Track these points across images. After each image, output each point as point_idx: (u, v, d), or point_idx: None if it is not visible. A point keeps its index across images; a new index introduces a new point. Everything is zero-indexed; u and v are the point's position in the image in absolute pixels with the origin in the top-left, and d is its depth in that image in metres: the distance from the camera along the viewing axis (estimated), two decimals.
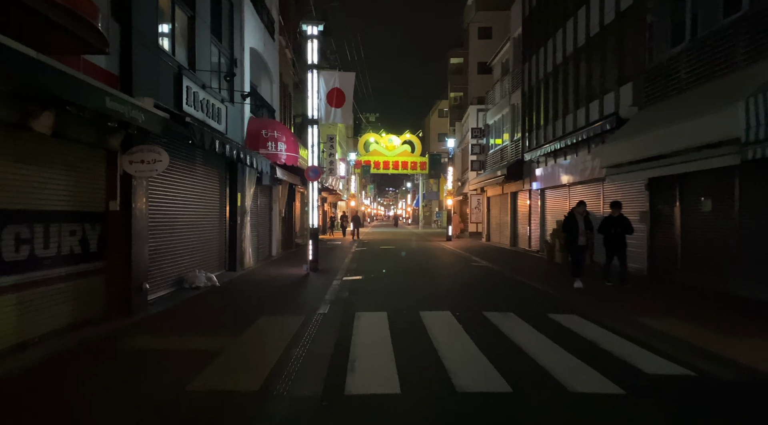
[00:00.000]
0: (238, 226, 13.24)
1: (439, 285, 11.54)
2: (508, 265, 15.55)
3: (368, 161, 45.54)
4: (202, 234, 11.45)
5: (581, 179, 16.06)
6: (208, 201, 11.87)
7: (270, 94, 18.01)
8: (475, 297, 9.82)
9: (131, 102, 6.22)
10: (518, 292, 10.51)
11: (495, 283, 11.88)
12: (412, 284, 11.61)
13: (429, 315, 7.97)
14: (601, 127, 13.63)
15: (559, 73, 18.18)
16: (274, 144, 13.95)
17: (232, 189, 13.09)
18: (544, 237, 20.11)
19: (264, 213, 16.95)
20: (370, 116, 60.19)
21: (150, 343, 6.18)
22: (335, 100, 13.71)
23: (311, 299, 9.42)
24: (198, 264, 11.08)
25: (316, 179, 13.27)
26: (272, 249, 17.88)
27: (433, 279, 12.59)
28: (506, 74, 25.68)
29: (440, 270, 14.85)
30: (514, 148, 23.72)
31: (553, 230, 17.17)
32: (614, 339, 6.49)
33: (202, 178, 11.36)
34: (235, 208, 13.14)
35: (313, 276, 12.74)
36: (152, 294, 8.84)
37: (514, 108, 23.91)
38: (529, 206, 21.96)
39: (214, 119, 11.10)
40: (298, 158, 14.95)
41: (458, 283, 12.00)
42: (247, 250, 13.67)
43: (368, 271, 13.94)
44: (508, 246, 24.29)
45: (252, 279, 11.91)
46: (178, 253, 10.10)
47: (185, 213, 10.46)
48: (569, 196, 17.79)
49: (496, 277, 12.93)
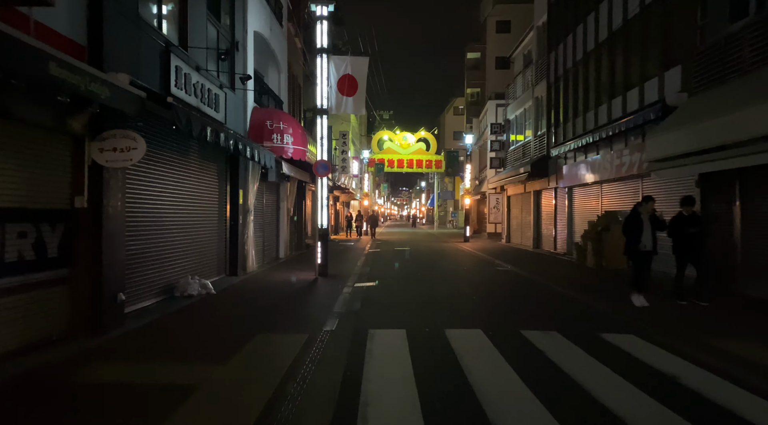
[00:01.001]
0: (240, 227, 12.02)
1: (463, 294, 10.20)
2: (536, 270, 14.15)
3: (382, 159, 44.34)
4: (198, 235, 10.24)
5: (616, 176, 14.62)
6: (206, 198, 10.66)
7: (278, 84, 16.79)
8: (507, 310, 8.47)
9: (90, 72, 4.98)
10: (555, 304, 9.14)
11: (526, 292, 10.51)
12: (433, 292, 10.29)
13: (457, 334, 6.65)
14: (643, 117, 12.19)
15: (590, 61, 16.73)
16: (279, 136, 12.71)
17: (233, 185, 11.88)
18: (572, 239, 18.67)
19: (270, 212, 15.74)
20: (384, 114, 58.90)
21: (112, 374, 4.94)
22: (347, 87, 12.44)
23: (317, 311, 8.15)
24: (192, 270, 9.87)
25: (326, 175, 12.01)
26: (279, 250, 16.67)
27: (456, 287, 11.26)
28: (529, 66, 24.23)
29: (462, 275, 13.51)
30: (537, 144, 22.28)
31: (585, 232, 15.73)
32: (697, 373, 5.11)
33: (197, 172, 10.16)
34: (237, 206, 11.92)
35: (321, 282, 11.48)
36: (133, 305, 7.64)
37: (538, 101, 22.46)
38: (555, 206, 20.50)
39: (211, 106, 9.89)
40: (306, 152, 13.70)
41: (484, 292, 10.65)
42: (250, 253, 12.46)
43: (383, 276, 12.64)
44: (530, 248, 22.84)
45: (253, 286, 10.68)
46: (168, 257, 8.89)
47: (177, 212, 9.25)
48: (601, 195, 16.34)
49: (525, 285, 11.55)
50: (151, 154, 8.14)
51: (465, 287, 11.27)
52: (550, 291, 10.47)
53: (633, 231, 8.86)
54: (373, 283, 11.33)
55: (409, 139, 45.03)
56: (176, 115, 6.62)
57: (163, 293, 8.75)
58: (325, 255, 12.35)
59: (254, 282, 11.14)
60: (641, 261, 8.94)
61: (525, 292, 10.49)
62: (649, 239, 8.81)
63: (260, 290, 10.18)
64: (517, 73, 26.80)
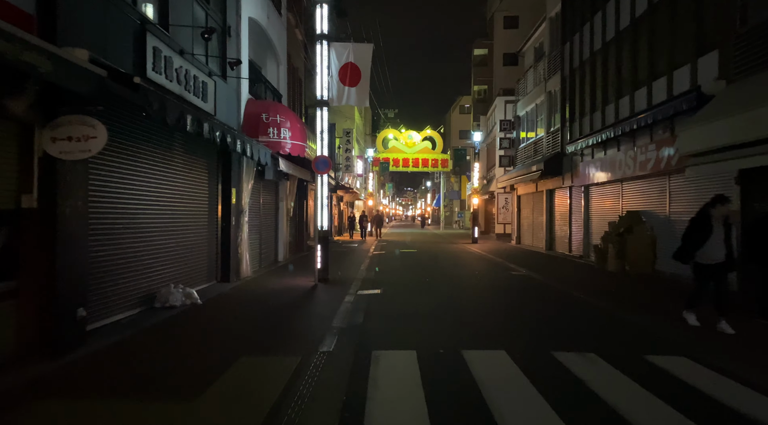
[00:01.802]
0: (233, 228, 11.03)
1: (479, 305, 9.17)
2: (554, 275, 13.09)
3: (387, 158, 43.26)
4: (184, 238, 9.25)
5: (639, 173, 13.53)
6: (194, 198, 9.68)
7: (276, 77, 15.80)
8: (531, 325, 7.42)
9: (23, 38, 3.98)
10: (585, 317, 8.09)
11: (549, 302, 9.46)
12: (445, 302, 9.25)
13: (477, 358, 5.61)
14: (674, 108, 11.11)
15: (609, 51, 15.65)
16: (276, 130, 11.71)
17: (225, 183, 10.89)
18: (589, 240, 17.59)
19: (268, 212, 14.74)
20: (389, 112, 57.84)
21: (48, 418, 3.94)
22: (349, 77, 11.43)
23: (314, 325, 7.13)
24: (177, 277, 8.88)
25: (326, 172, 11.01)
26: (279, 253, 15.67)
27: (469, 295, 10.22)
28: (541, 59, 23.15)
29: (474, 281, 12.47)
30: (551, 141, 21.20)
31: (605, 233, 14.65)
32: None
33: (184, 169, 9.17)
34: (229, 206, 10.93)
35: (321, 289, 10.47)
36: (102, 320, 6.65)
37: (551, 96, 21.38)
38: (570, 205, 19.41)
39: (197, 95, 8.89)
40: (306, 148, 12.70)
41: (502, 302, 9.60)
42: (244, 257, 11.46)
43: (388, 282, 11.62)
44: (542, 250, 21.76)
45: (245, 295, 9.67)
46: (146, 264, 7.90)
47: (158, 213, 8.26)
48: (621, 194, 15.26)
49: (546, 293, 10.50)
50: (126, 147, 7.16)
51: (479, 295, 10.23)
52: (576, 301, 9.42)
53: (696, 238, 7.28)
54: (378, 291, 10.31)
55: (414, 137, 43.96)
56: (146, 98, 5.61)
57: (142, 304, 7.76)
58: (325, 259, 11.34)
59: (247, 290, 10.14)
60: (705, 274, 7.29)
61: (547, 302, 9.44)
62: (720, 249, 7.13)
63: (252, 299, 9.17)
64: (527, 67, 25.73)
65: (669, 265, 12.58)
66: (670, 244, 12.75)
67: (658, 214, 13.19)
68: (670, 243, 12.66)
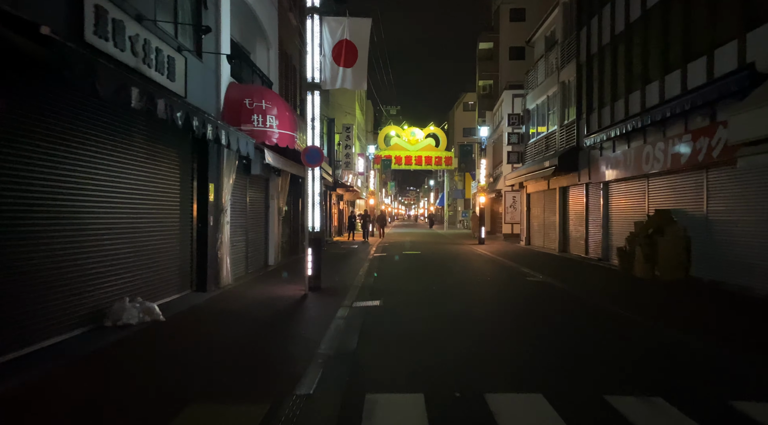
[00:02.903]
0: (210, 230, 9.60)
1: (498, 323, 7.71)
2: (576, 282, 11.63)
3: (389, 156, 41.82)
4: (148, 241, 7.83)
5: (671, 167, 12.06)
6: (160, 194, 8.25)
7: (266, 63, 14.37)
8: (569, 354, 5.94)
9: None
10: (632, 339, 6.62)
11: (581, 319, 7.99)
12: (456, 318, 7.80)
13: (506, 404, 4.18)
14: (719, 91, 9.65)
15: (633, 34, 14.17)
16: (261, 117, 10.27)
17: (201, 178, 9.46)
18: (608, 242, 16.12)
19: (257, 211, 13.32)
20: (391, 109, 56.37)
21: None
22: (344, 56, 9.98)
23: (295, 352, 5.70)
24: (138, 288, 7.45)
25: (317, 165, 9.57)
26: (269, 256, 14.24)
27: (485, 309, 8.78)
28: (552, 48, 21.65)
29: (488, 289, 11.03)
30: (565, 135, 19.71)
31: (631, 235, 13.18)
32: None
33: (145, 159, 7.74)
34: (206, 204, 9.51)
35: (311, 299, 9.04)
36: (24, 348, 5.22)
37: (565, 86, 19.90)
38: (586, 204, 17.94)
39: (161, 71, 7.46)
40: (296, 138, 11.24)
41: (526, 319, 8.13)
42: (224, 262, 10.03)
43: (389, 291, 10.18)
44: (555, 252, 20.29)
45: (221, 308, 8.23)
46: (92, 273, 6.47)
47: (108, 211, 6.84)
48: (647, 191, 13.79)
49: (574, 305, 9.05)
50: (59, 130, 5.73)
51: (497, 309, 8.78)
52: (615, 318, 7.95)
53: None
54: (377, 302, 8.86)
55: (417, 134, 42.55)
56: (61, 57, 4.18)
57: (87, 323, 6.33)
58: (317, 265, 9.91)
59: (224, 302, 8.70)
60: None
61: (579, 319, 7.98)
62: None
63: (227, 314, 7.72)
64: (538, 57, 24.24)
65: (706, 270, 11.15)
66: (708, 247, 11.35)
67: (693, 213, 11.72)
68: (708, 247, 11.24)
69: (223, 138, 7.94)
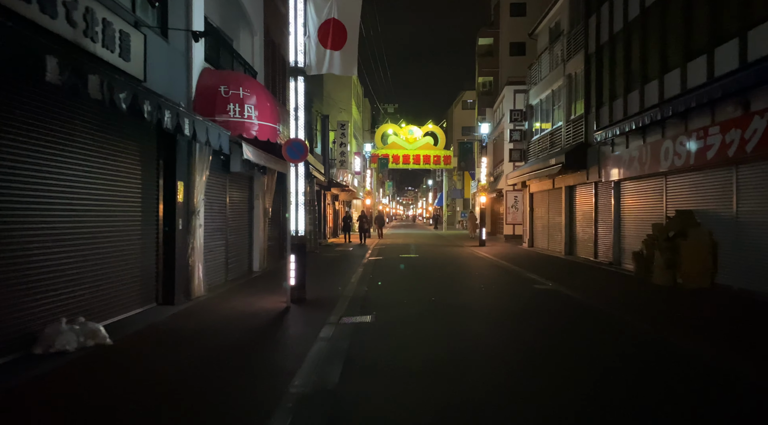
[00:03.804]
0: (179, 234, 8.44)
1: (513, 348, 6.54)
2: (592, 291, 10.48)
3: (386, 155, 40.62)
4: (96, 248, 6.66)
5: (694, 164, 10.92)
6: (115, 193, 7.09)
7: (251, 51, 13.22)
8: (605, 392, 4.78)
9: None
10: (672, 370, 5.47)
11: (606, 341, 6.83)
12: (462, 340, 6.64)
13: None
14: (757, 75, 8.52)
15: (650, 17, 13.03)
16: (238, 107, 9.10)
17: (168, 176, 8.30)
18: (620, 245, 14.99)
19: (239, 212, 12.16)
20: (389, 107, 55.16)
21: None
22: (332, 37, 8.81)
23: (261, 392, 4.52)
24: (84, 305, 6.29)
25: (300, 160, 8.41)
26: (253, 262, 13.08)
27: (496, 328, 7.62)
28: (558, 39, 20.51)
29: (495, 301, 9.89)
30: (572, 130, 18.56)
31: (648, 238, 12.04)
32: None
33: (95, 153, 6.58)
34: (174, 204, 8.34)
35: (294, 314, 7.88)
36: None
37: (572, 79, 18.75)
38: (595, 204, 16.81)
39: (110, 48, 6.29)
40: (278, 131, 10.06)
41: (541, 338, 6.95)
42: (197, 270, 8.86)
43: (383, 303, 9.03)
44: (561, 255, 19.15)
45: (184, 327, 7.05)
46: (19, 288, 5.31)
47: (44, 212, 5.67)
48: (665, 190, 12.65)
49: (596, 323, 7.90)
50: None
51: (509, 328, 7.61)
52: (649, 340, 6.79)
53: None
54: (368, 318, 7.70)
55: (415, 132, 41.38)
56: None
57: (10, 350, 5.17)
58: (301, 273, 8.75)
59: (191, 319, 7.52)
60: None
61: (605, 343, 6.82)
62: None
63: (189, 336, 6.55)
64: (541, 50, 23.09)
65: (735, 278, 10.03)
66: (738, 252, 10.19)
67: (720, 214, 10.60)
68: (738, 251, 10.09)
69: (186, 127, 6.77)
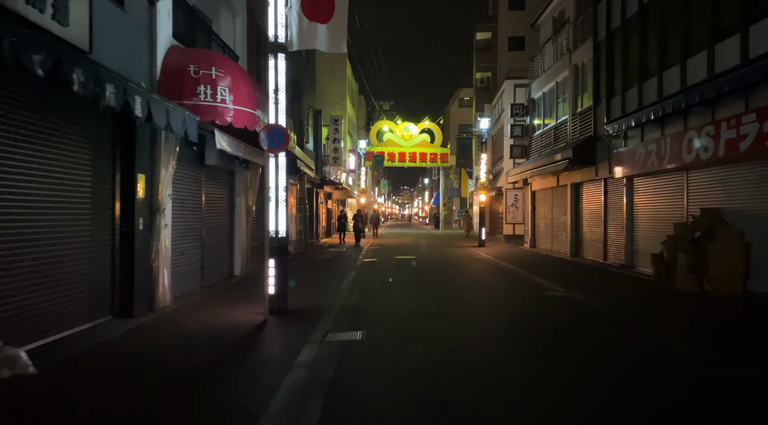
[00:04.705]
0: (140, 235, 7.25)
1: (547, 380, 5.41)
2: (611, 300, 9.36)
3: (381, 152, 39.51)
4: (28, 252, 5.48)
5: (724, 156, 9.79)
6: (55, 186, 5.91)
7: (232, 33, 12.02)
8: None
9: None
10: (740, 406, 4.34)
11: (641, 363, 5.69)
12: (481, 373, 5.49)
13: None
14: None
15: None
16: (209, 89, 7.92)
17: (126, 168, 7.12)
18: (633, 246, 13.89)
19: (217, 210, 10.97)
20: (384, 104, 53.89)
21: None
22: (317, 9, 7.64)
23: None
24: (9, 323, 5.10)
25: (280, 150, 7.24)
26: (234, 265, 11.89)
27: (515, 350, 6.47)
28: (562, 28, 19.39)
29: (507, 313, 8.75)
30: (578, 124, 17.43)
31: (670, 239, 10.92)
32: None
33: (29, 140, 5.40)
34: (133, 201, 7.16)
35: (270, 330, 6.71)
36: None
37: (578, 69, 17.62)
38: (605, 202, 15.70)
39: (38, 7, 5.09)
40: (257, 117, 8.86)
41: (589, 375, 5.82)
42: (162, 276, 7.67)
43: (376, 316, 7.87)
44: (566, 256, 18.04)
45: (136, 348, 5.85)
46: None
47: None
48: (686, 186, 11.54)
49: (623, 339, 6.76)
50: None
51: (531, 350, 6.46)
52: (694, 363, 5.66)
53: None
54: (358, 335, 6.53)
55: (411, 129, 40.27)
56: None
57: None
58: (282, 281, 7.58)
59: (148, 336, 6.33)
60: None
61: (641, 366, 5.68)
62: None
63: (138, 361, 5.35)
64: (544, 40, 21.96)
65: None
66: None
67: (753, 213, 9.50)
68: None
69: (137, 107, 5.58)
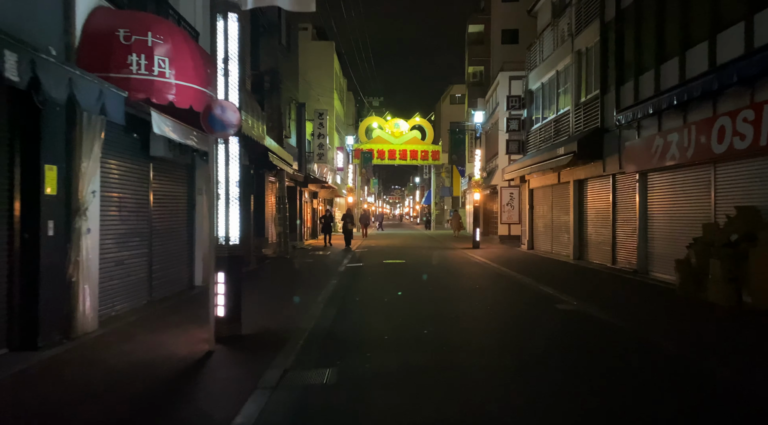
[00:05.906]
0: (48, 242, 5.64)
1: None
2: (634, 315, 7.87)
3: (370, 150, 37.91)
4: None
5: (767, 144, 8.32)
6: None
7: (192, 7, 10.41)
8: None
9: None
10: None
11: (717, 408, 4.18)
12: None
13: None
14: None
15: None
16: (144, 60, 6.32)
17: (27, 159, 5.51)
18: (647, 249, 12.44)
19: (171, 211, 9.37)
20: (374, 100, 52.33)
21: None
22: None
23: None
24: None
25: (228, 133, 5.67)
26: (195, 275, 10.28)
27: (536, 400, 4.95)
28: (563, 12, 17.95)
29: (516, 336, 7.23)
30: (582, 115, 15.98)
31: (697, 242, 9.46)
32: None
33: None
34: (38, 200, 5.55)
35: (213, 367, 5.14)
36: None
37: (582, 56, 16.17)
38: (613, 200, 14.25)
39: None
40: (206, 95, 7.23)
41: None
42: (83, 292, 6.06)
43: (355, 342, 6.30)
44: (569, 259, 16.59)
45: (18, 401, 4.27)
46: None
47: None
48: (714, 181, 10.08)
49: (682, 375, 5.25)
50: None
51: (552, 392, 4.92)
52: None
53: None
54: (326, 377, 4.95)
55: (401, 126, 38.72)
56: None
57: None
58: (234, 300, 6.01)
59: (42, 380, 4.73)
60: None
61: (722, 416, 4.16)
62: None
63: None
64: (543, 27, 20.51)
65: None
66: None
67: None
68: None
69: (12, 71, 3.99)
